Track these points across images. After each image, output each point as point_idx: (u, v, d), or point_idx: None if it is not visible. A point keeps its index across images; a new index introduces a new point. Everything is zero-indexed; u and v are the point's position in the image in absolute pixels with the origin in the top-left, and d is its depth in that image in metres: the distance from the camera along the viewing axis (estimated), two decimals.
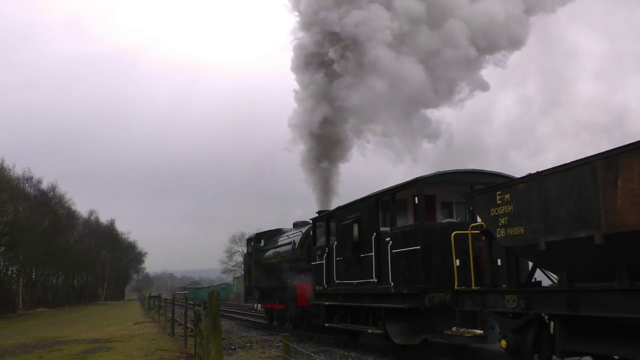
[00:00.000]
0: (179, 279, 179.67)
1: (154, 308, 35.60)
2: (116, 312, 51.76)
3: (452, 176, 12.85)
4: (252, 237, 25.73)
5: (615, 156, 6.91)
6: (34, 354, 17.48)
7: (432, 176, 12.67)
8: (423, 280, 11.59)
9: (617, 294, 7.19)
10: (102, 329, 27.21)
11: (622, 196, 6.75)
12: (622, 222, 6.77)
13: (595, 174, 7.15)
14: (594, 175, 7.18)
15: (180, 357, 15.13)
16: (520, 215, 8.56)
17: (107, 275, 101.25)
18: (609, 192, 6.93)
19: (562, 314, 8.09)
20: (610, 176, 6.94)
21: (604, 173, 7.04)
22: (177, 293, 71.45)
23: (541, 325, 8.78)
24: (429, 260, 11.65)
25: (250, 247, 25.99)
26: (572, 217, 7.60)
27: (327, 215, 17.12)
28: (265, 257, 23.72)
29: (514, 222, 8.70)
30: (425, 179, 12.40)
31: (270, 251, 23.36)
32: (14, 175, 51.80)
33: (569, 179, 7.70)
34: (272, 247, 23.27)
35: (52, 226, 60.06)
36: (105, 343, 19.81)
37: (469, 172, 12.82)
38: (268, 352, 15.20)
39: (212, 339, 8.91)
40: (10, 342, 21.72)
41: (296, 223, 22.46)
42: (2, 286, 50.88)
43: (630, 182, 6.63)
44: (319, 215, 18.42)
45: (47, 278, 68.20)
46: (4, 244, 48.54)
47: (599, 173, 7.10)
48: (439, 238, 11.64)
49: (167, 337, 21.13)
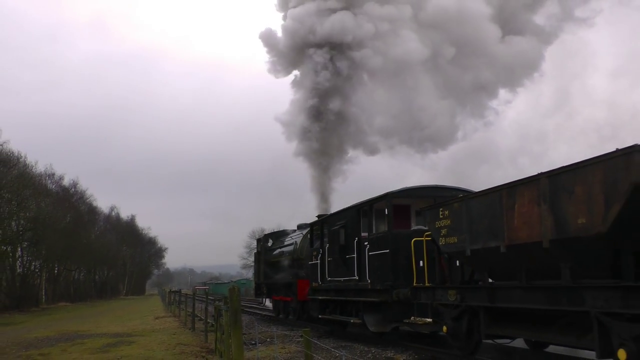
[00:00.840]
0: (199, 274, 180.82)
1: (175, 303, 35.83)
2: (137, 306, 52.20)
3: (418, 191, 15.22)
4: (261, 238, 28.33)
5: (514, 187, 9.57)
6: (57, 347, 17.67)
7: (399, 191, 14.96)
8: (391, 278, 13.82)
9: (519, 290, 9.74)
10: (123, 324, 27.44)
11: (518, 217, 9.41)
12: (517, 237, 9.43)
13: (501, 200, 9.81)
14: (500, 201, 9.85)
15: (200, 352, 15.16)
16: (455, 228, 11.26)
17: (128, 270, 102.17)
18: (509, 214, 9.60)
19: (484, 305, 10.57)
20: (510, 202, 9.59)
21: (507, 199, 9.70)
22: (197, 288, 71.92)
23: (472, 314, 11.14)
24: (396, 261, 13.82)
25: (260, 246, 27.94)
26: (487, 231, 10.24)
27: (321, 221, 19.31)
28: (272, 256, 25.64)
29: (451, 233, 11.41)
30: (393, 194, 14.67)
31: (276, 250, 25.35)
32: (36, 172, 52.51)
33: (486, 202, 10.34)
34: (278, 247, 25.37)
35: (74, 222, 60.75)
36: (126, 337, 19.96)
37: (432, 187, 15.25)
38: (288, 347, 15.21)
39: (233, 334, 8.92)
40: (34, 335, 22.00)
41: (300, 225, 24.23)
42: (25, 281, 51.59)
43: (522, 207, 9.32)
44: (316, 220, 20.43)
45: (69, 273, 69.02)
46: (27, 239, 49.19)
47: (503, 199, 9.78)
48: (404, 243, 13.61)
49: (187, 332, 21.24)
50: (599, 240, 7.91)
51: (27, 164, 49.26)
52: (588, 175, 8.04)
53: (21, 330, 26.24)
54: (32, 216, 47.62)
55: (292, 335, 18.28)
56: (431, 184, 15.60)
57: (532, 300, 9.41)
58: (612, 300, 7.81)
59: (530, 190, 9.19)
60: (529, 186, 9.26)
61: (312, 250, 19.80)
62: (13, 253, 49.86)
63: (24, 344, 19.15)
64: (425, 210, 12.69)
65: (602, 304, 7.97)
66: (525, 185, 9.36)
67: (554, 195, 8.65)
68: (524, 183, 9.42)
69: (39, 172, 53.67)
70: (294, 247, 22.86)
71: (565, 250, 8.62)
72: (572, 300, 8.51)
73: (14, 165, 45.16)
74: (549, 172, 8.84)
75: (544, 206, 8.80)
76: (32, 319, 37.56)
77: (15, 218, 46.91)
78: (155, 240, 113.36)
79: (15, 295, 48.77)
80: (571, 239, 8.35)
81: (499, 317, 10.50)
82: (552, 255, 8.83)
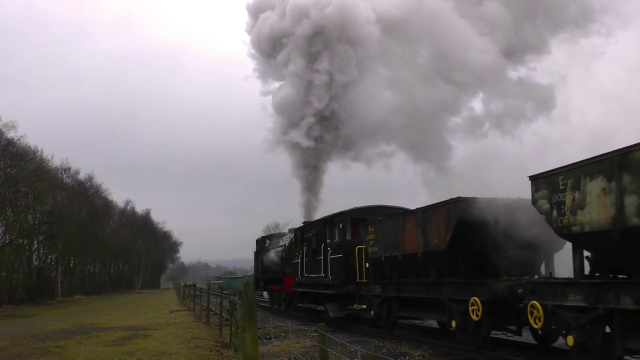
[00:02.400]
0: (213, 268, 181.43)
1: (189, 297, 35.99)
2: (152, 300, 52.52)
3: (365, 209, 19.46)
4: (259, 239, 31.83)
5: (406, 215, 14.72)
6: (73, 339, 17.80)
7: (351, 210, 19.48)
8: (343, 276, 18.28)
9: (411, 285, 14.79)
10: (138, 317, 27.61)
11: (407, 236, 14.30)
12: (406, 249, 14.31)
13: (400, 223, 14.72)
14: (400, 224, 14.70)
15: (215, 346, 15.20)
16: (376, 240, 16.13)
17: (143, 264, 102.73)
18: (402, 233, 14.50)
19: (395, 296, 15.51)
20: (404, 225, 14.50)
21: (402, 223, 14.60)
22: (212, 282, 72.15)
23: (390, 302, 15.84)
24: (347, 263, 18.19)
25: (258, 247, 31.83)
26: (392, 244, 15.05)
27: (301, 228, 23.44)
28: (267, 255, 29.48)
29: (374, 244, 16.32)
30: (347, 212, 19.28)
31: (270, 251, 29.21)
32: (52, 166, 52.86)
33: (392, 224, 15.23)
34: (272, 248, 29.22)
35: (89, 216, 61.08)
36: (141, 330, 20.07)
37: (377, 207, 19.40)
38: (303, 342, 15.18)
39: (248, 329, 8.88)
40: (50, 328, 22.18)
41: (290, 229, 27.75)
42: (41, 274, 52.06)
43: (410, 230, 14.12)
44: (298, 227, 24.38)
45: (84, 266, 69.57)
46: (43, 232, 49.59)
47: (401, 223, 14.69)
48: (352, 250, 18.05)
49: (202, 326, 21.32)
50: (443, 253, 12.70)
51: (44, 158, 49.63)
52: (439, 212, 12.76)
53: (37, 322, 26.47)
54: (48, 210, 47.99)
55: (306, 330, 18.27)
56: (377, 204, 19.68)
57: (418, 292, 14.42)
58: (453, 290, 12.64)
59: (414, 219, 14.04)
60: (413, 216, 14.18)
61: (295, 251, 23.91)
62: (29, 246, 50.34)
63: (40, 336, 19.31)
64: (361, 227, 17.45)
65: (449, 293, 12.79)
66: (411, 215, 14.36)
67: (424, 223, 13.46)
68: (411, 213, 14.48)
69: (55, 166, 54.09)
70: (283, 248, 26.55)
71: (430, 259, 13.46)
72: (436, 291, 13.41)
73: (30, 159, 45.50)
74: (422, 208, 13.70)
75: (419, 230, 13.64)
76: (48, 311, 37.91)
77: (31, 212, 47.37)
78: (170, 235, 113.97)
79: (32, 288, 49.26)
80: (431, 252, 13.19)
81: (405, 303, 15.40)
82: (424, 262, 13.75)
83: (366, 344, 14.73)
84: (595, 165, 8.44)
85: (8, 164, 41.89)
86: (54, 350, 15.35)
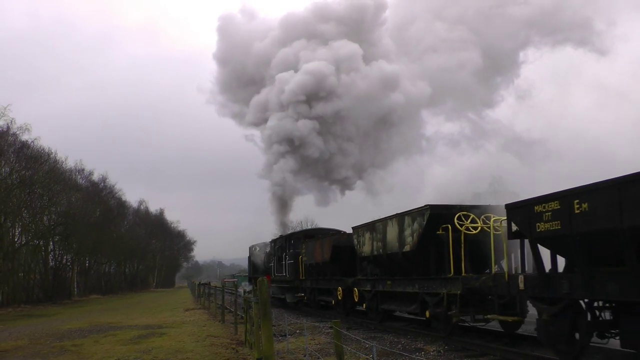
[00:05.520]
0: (227, 266, 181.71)
1: (204, 295, 36.14)
2: (167, 299, 52.78)
3: (310, 231, 30.48)
4: (251, 247, 38.03)
5: (318, 238, 24.50)
6: (90, 338, 17.94)
7: (299, 231, 31.08)
8: (294, 275, 26.85)
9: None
10: (153, 316, 27.76)
11: (316, 251, 23.60)
12: (316, 259, 23.68)
13: (316, 243, 24.01)
14: (315, 243, 23.95)
15: (230, 344, 15.24)
16: (306, 253, 25.09)
17: (158, 263, 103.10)
18: (315, 249, 23.83)
19: (315, 287, 25.04)
20: (316, 244, 23.94)
21: (315, 243, 24.14)
22: (226, 281, 72.29)
23: (313, 292, 25.63)
24: (296, 267, 26.63)
25: (250, 252, 38.16)
26: (311, 256, 24.37)
27: (274, 240, 31.49)
28: (255, 260, 36.66)
29: (305, 255, 25.29)
30: (298, 232, 30.34)
31: (258, 256, 36.26)
32: (66, 167, 53.20)
33: (313, 243, 24.34)
34: (259, 253, 36.04)
35: (104, 216, 61.41)
36: (157, 329, 20.18)
37: (317, 229, 30.87)
38: (318, 339, 15.20)
39: (263, 326, 8.90)
40: (67, 327, 22.37)
41: (273, 240, 32.68)
42: (58, 274, 52.46)
43: (317, 247, 23.54)
44: (274, 239, 31.82)
45: (100, 266, 70.02)
46: (59, 233, 49.98)
47: (316, 243, 23.97)
48: (298, 258, 26.43)
49: (217, 324, 21.40)
50: (327, 264, 22.29)
51: (58, 159, 50.00)
52: (325, 240, 22.74)
53: (54, 321, 26.70)
54: (62, 211, 48.35)
55: (321, 326, 18.28)
56: (318, 227, 32.45)
57: (326, 284, 23.42)
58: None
59: (319, 241, 23.54)
60: (319, 239, 23.72)
61: (270, 256, 32.36)
62: (45, 247, 50.76)
63: (57, 335, 19.48)
64: (298, 242, 26.84)
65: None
66: (319, 239, 23.90)
67: (322, 244, 22.82)
68: (321, 238, 23.71)
69: (69, 168, 54.45)
70: (265, 254, 34.13)
71: (324, 266, 22.76)
72: (329, 282, 21.70)
73: (44, 161, 45.86)
74: (322, 235, 23.87)
75: (320, 248, 22.84)
76: (64, 311, 38.22)
77: (46, 213, 47.75)
78: (184, 234, 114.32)
79: (49, 288, 49.68)
80: (324, 262, 22.63)
81: (322, 292, 24.57)
82: (324, 269, 23.12)
83: (381, 339, 14.74)
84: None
85: (23, 166, 42.26)
86: (71, 349, 15.48)
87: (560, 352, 10.13)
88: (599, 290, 9.10)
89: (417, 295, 15.22)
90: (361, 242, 18.68)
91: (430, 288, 14.52)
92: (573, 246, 9.28)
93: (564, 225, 9.28)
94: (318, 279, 23.99)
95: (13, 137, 41.51)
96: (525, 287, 10.90)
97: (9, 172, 41.31)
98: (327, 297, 23.31)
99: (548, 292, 10.22)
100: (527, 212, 10.17)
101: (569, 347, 9.95)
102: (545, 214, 9.67)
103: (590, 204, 8.78)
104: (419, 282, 15.13)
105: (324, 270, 22.89)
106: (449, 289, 13.58)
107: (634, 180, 8.12)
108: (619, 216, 8.27)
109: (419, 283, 15.13)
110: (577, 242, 9.14)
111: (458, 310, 13.26)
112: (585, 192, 8.92)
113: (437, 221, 13.98)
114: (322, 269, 23.10)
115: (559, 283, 9.93)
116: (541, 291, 10.42)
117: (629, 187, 8.16)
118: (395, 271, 16.72)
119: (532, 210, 10.02)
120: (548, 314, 10.22)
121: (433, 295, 14.41)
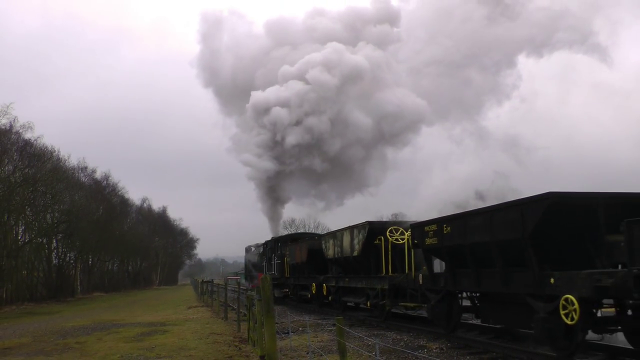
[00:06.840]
0: (230, 264, 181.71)
1: (207, 293, 36.18)
2: (170, 296, 52.87)
3: (295, 235, 35.33)
4: (247, 247, 43.14)
5: (301, 241, 29.04)
6: (93, 335, 17.98)
7: (283, 236, 34.30)
8: (281, 272, 30.65)
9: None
10: (156, 313, 27.80)
11: (297, 253, 27.42)
12: (296, 260, 27.45)
13: (297, 246, 28.09)
14: (297, 247, 27.96)
15: (234, 341, 15.26)
16: (290, 255, 29.04)
17: (161, 261, 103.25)
18: (296, 252, 27.69)
19: (296, 284, 29.20)
20: (298, 247, 27.75)
21: (298, 246, 27.92)
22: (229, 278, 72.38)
23: (295, 288, 29.55)
24: (282, 266, 30.55)
25: (246, 252, 43.46)
26: (293, 257, 28.05)
27: (266, 243, 35.86)
28: (251, 259, 41.44)
29: (289, 256, 29.29)
30: (284, 236, 34.18)
31: (252, 256, 40.94)
32: (69, 165, 53.30)
33: (294, 246, 28.58)
34: (254, 253, 40.36)
35: (107, 214, 61.50)
36: (160, 326, 20.21)
37: (300, 233, 43.90)
38: (320, 336, 15.21)
39: (266, 323, 8.92)
40: (70, 324, 22.43)
41: (266, 242, 36.46)
42: (61, 272, 52.59)
43: (297, 250, 27.64)
44: (265, 241, 36.24)
45: (103, 264, 70.17)
46: (62, 231, 50.13)
47: (297, 246, 28.07)
48: (283, 259, 30.35)
49: (220, 322, 21.42)
50: (303, 265, 26.18)
51: (60, 157, 50.11)
52: (302, 245, 27.13)
53: (58, 319, 26.78)
54: (65, 209, 48.46)
55: (324, 324, 18.29)
56: (301, 232, 46.59)
57: (305, 281, 26.67)
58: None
59: (298, 244, 28.01)
60: (299, 243, 28.37)
61: (262, 256, 36.98)
62: (49, 245, 50.93)
63: (61, 332, 19.53)
64: (284, 245, 30.81)
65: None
66: (299, 242, 28.62)
67: (300, 248, 26.85)
68: (301, 241, 28.61)
69: (71, 166, 54.55)
70: (259, 254, 38.26)
71: (302, 267, 26.68)
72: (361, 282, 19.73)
73: (47, 159, 45.95)
74: (303, 241, 28.83)
75: (301, 251, 26.46)
76: (68, 308, 38.33)
77: (50, 211, 47.88)
78: (187, 231, 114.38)
79: (52, 285, 49.83)
80: (302, 263, 26.35)
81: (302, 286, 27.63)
82: (302, 268, 26.91)
83: (384, 337, 14.74)
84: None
85: (26, 164, 42.38)
86: (74, 346, 15.51)
87: None
88: (458, 284, 13.35)
89: (364, 290, 19.17)
90: (327, 247, 22.62)
91: (371, 284, 18.50)
92: (444, 255, 13.58)
93: (439, 240, 13.31)
94: (299, 277, 27.89)
95: (16, 136, 41.65)
96: (423, 282, 14.96)
97: (12, 170, 41.50)
98: (305, 292, 26.87)
99: (434, 285, 14.38)
100: (421, 230, 14.24)
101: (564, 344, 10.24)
102: (430, 232, 13.74)
103: (452, 228, 12.80)
104: (364, 280, 19.12)
105: (303, 269, 26.77)
106: (382, 285, 17.53)
107: (472, 214, 12.26)
108: (464, 236, 12.26)
109: (365, 280, 19.11)
110: (446, 252, 13.33)
111: (389, 300, 17.22)
112: (449, 220, 13.02)
113: (375, 233, 18.23)
114: (302, 269, 26.94)
115: (439, 279, 14.18)
116: (431, 285, 14.55)
117: (470, 219, 12.17)
118: (350, 271, 20.81)
119: (423, 229, 14.08)
120: (434, 301, 14.35)
121: (372, 289, 18.38)
